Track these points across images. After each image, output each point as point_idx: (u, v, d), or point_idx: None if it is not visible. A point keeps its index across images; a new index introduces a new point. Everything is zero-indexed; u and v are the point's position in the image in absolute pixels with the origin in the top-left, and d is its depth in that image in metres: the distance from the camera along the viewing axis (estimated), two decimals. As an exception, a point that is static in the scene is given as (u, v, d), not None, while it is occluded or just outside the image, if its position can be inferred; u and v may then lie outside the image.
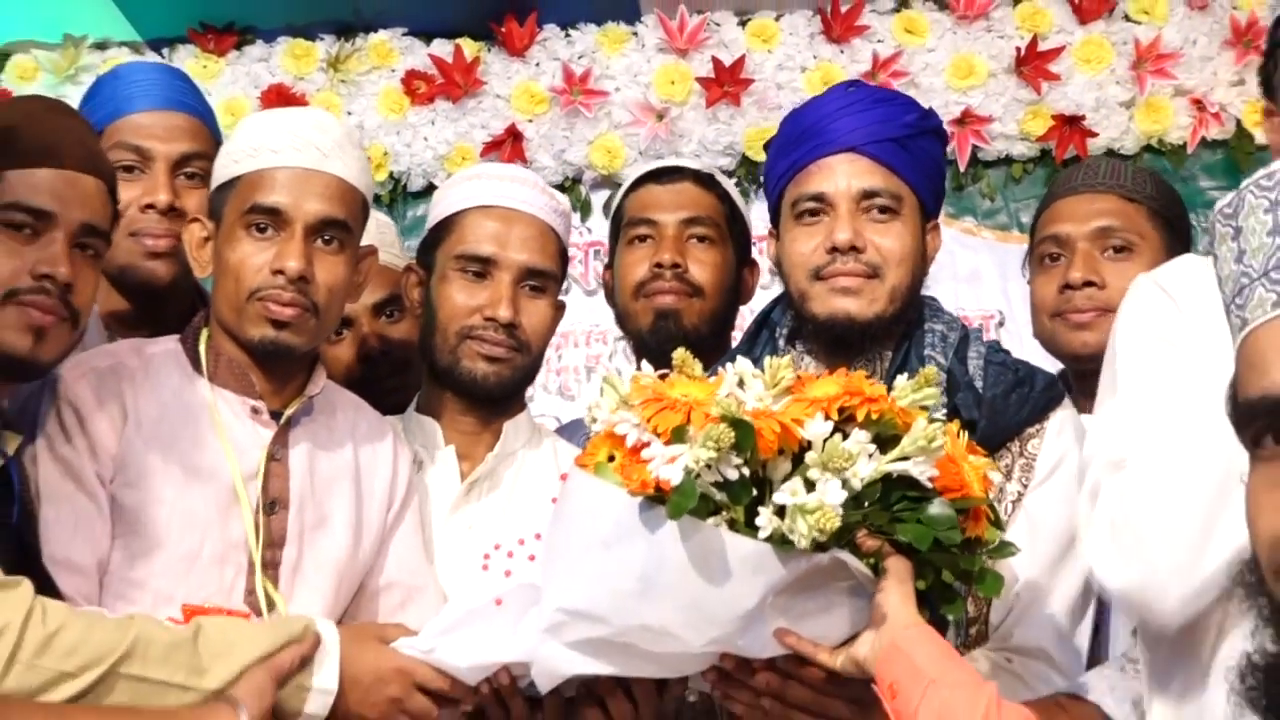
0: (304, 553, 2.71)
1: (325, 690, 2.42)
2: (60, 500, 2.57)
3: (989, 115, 5.25)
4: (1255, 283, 1.43)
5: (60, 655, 2.18)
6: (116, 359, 2.74)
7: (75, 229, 2.48)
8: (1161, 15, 5.20)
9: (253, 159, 2.70)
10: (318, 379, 2.81)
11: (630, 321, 3.35)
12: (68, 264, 2.45)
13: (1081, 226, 3.12)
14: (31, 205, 2.44)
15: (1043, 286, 3.16)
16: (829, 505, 2.14)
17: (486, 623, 2.47)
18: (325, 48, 5.44)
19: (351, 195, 2.73)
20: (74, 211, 2.47)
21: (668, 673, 2.44)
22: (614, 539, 2.23)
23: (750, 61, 5.31)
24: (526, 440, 3.05)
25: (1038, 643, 2.70)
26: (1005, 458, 2.76)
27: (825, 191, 2.76)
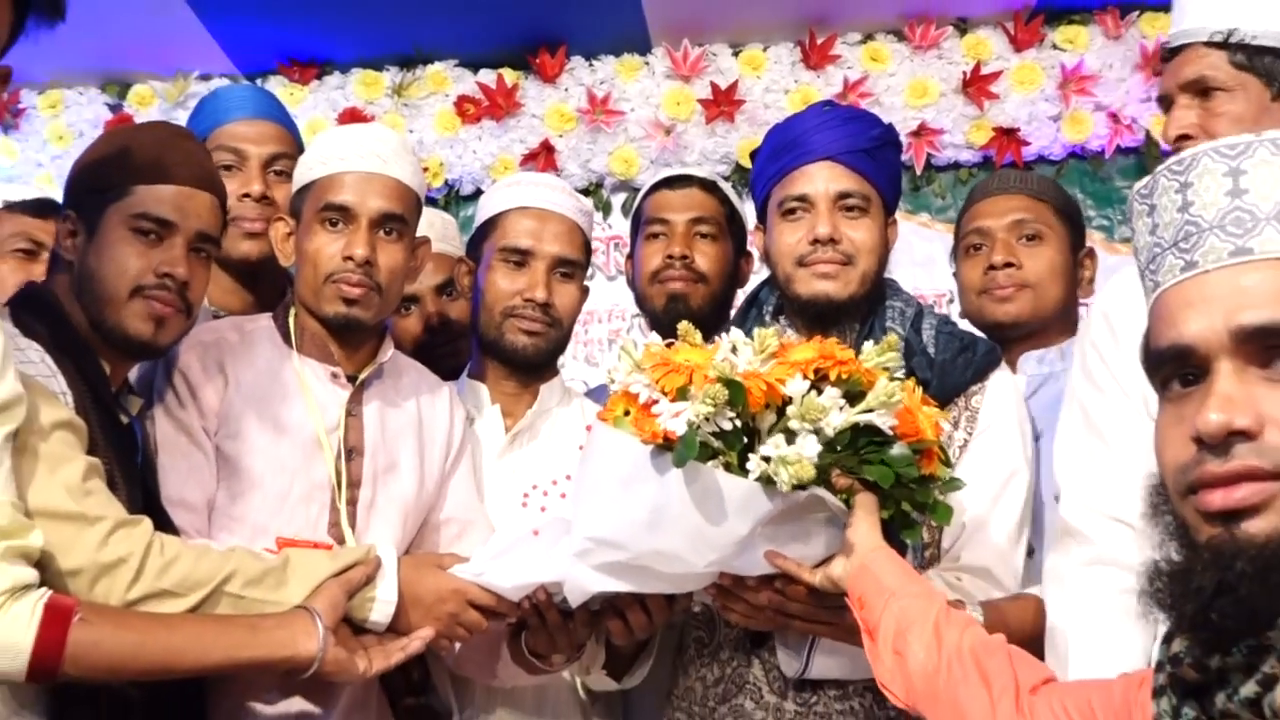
0: (377, 493, 2.71)
1: (387, 601, 2.43)
2: (174, 451, 2.59)
3: (940, 128, 5.23)
4: (1166, 252, 1.43)
5: (173, 579, 2.22)
6: (219, 334, 2.76)
7: (192, 236, 2.49)
8: (1083, 44, 5.18)
9: (325, 166, 2.71)
10: (386, 348, 2.81)
11: (647, 303, 3.35)
12: (185, 265, 2.47)
13: (1000, 220, 3.13)
14: (157, 216, 2.45)
15: (970, 270, 3.18)
16: (806, 456, 2.16)
17: (526, 550, 2.47)
18: (390, 77, 5.42)
19: (407, 194, 2.73)
20: (192, 222, 2.49)
21: (676, 589, 2.44)
22: (630, 480, 2.24)
23: (742, 85, 5.29)
24: (559, 400, 3.05)
25: (982, 562, 2.70)
26: (954, 410, 2.76)
27: (807, 193, 2.77)
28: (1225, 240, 1.37)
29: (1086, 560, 2.37)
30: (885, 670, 2.08)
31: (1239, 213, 1.37)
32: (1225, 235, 1.37)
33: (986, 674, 1.91)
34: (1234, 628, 1.30)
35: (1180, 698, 1.42)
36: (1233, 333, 1.33)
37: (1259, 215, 1.36)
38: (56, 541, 2.12)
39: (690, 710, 2.76)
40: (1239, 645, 1.32)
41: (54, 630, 2.02)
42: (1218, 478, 1.31)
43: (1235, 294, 1.34)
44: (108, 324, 2.44)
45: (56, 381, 2.31)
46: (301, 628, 2.27)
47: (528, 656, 2.63)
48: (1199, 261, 1.38)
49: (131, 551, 2.19)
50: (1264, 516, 1.29)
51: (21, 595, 2.01)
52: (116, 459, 2.36)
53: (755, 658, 2.68)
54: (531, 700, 2.89)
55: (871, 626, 2.13)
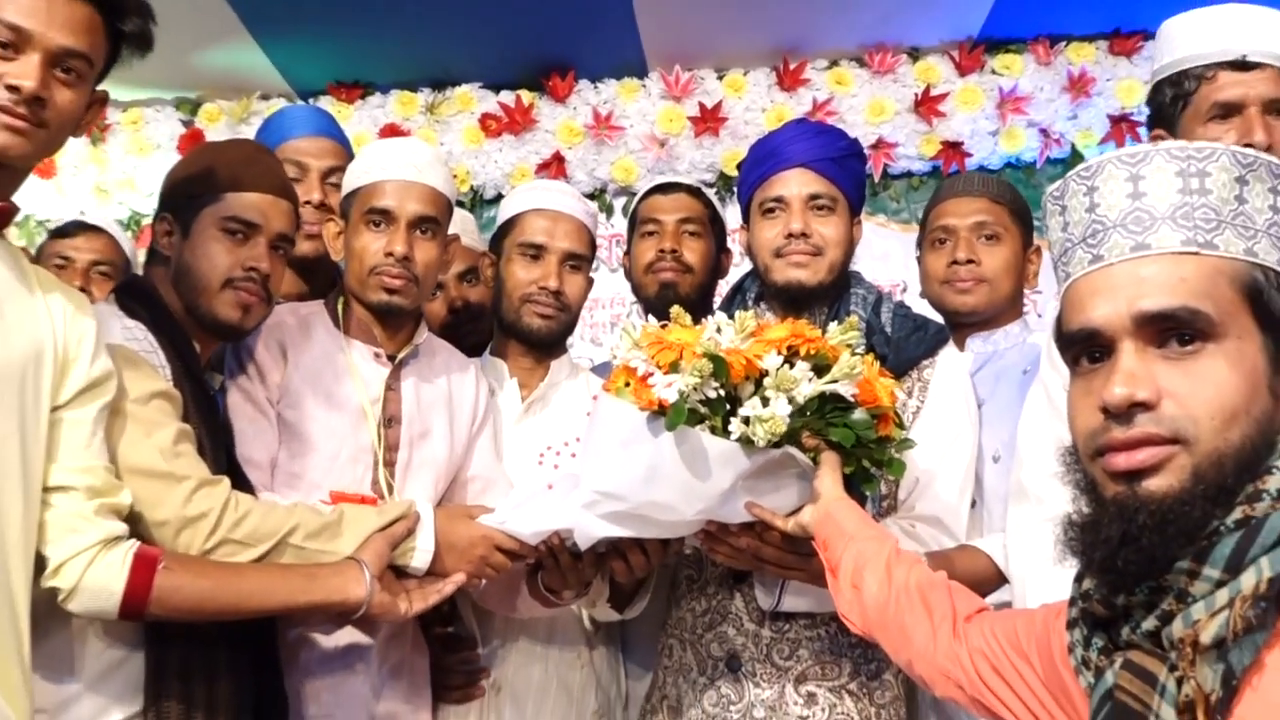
0: (412, 455, 2.72)
1: (426, 550, 2.45)
2: (243, 418, 2.61)
3: (895, 142, 5.23)
4: (1075, 246, 1.45)
5: (244, 532, 2.26)
6: (279, 319, 2.75)
7: (273, 236, 2.50)
8: (1018, 70, 5.17)
9: (369, 174, 2.72)
10: (421, 332, 2.82)
11: (642, 291, 3.36)
12: (268, 261, 2.48)
13: (964, 220, 3.10)
14: (245, 219, 2.47)
15: (933, 261, 3.15)
16: (779, 417, 2.18)
17: (542, 502, 2.49)
18: (424, 98, 5.40)
19: (440, 199, 2.74)
20: (273, 224, 2.50)
21: (669, 534, 2.46)
22: (630, 441, 2.26)
23: (725, 105, 5.28)
24: (567, 374, 3.06)
25: (933, 512, 2.73)
26: (907, 382, 2.80)
27: (783, 195, 2.79)
28: (1127, 237, 1.39)
29: (1042, 518, 2.35)
30: (845, 602, 2.11)
31: (1139, 213, 1.39)
32: (1127, 232, 1.39)
33: (929, 605, 1.94)
34: (1137, 572, 1.32)
35: (1090, 629, 1.45)
36: (1134, 317, 1.34)
37: (1155, 215, 1.38)
38: (148, 496, 2.18)
39: (682, 637, 2.77)
40: (1141, 586, 1.33)
41: (142, 576, 2.07)
42: (1122, 442, 1.33)
43: (1135, 284, 1.36)
44: (201, 310, 2.46)
45: (157, 357, 2.34)
46: (352, 576, 2.31)
47: (543, 592, 2.64)
48: (1104, 255, 1.40)
49: (211, 507, 2.22)
50: (1161, 476, 1.31)
51: (114, 545, 2.07)
52: (205, 425, 2.39)
53: (737, 592, 2.70)
54: (544, 630, 2.91)
55: (834, 565, 2.16)
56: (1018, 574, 2.54)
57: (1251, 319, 1.34)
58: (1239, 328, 1.34)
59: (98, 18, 2.02)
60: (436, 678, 2.82)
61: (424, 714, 2.77)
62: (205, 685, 2.25)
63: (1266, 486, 1.28)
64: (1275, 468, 1.30)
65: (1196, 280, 1.34)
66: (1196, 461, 1.30)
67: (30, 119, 1.95)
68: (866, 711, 2.62)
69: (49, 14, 1.95)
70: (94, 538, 2.04)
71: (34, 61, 1.94)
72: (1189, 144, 1.41)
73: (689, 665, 2.74)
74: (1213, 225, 1.37)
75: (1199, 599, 1.28)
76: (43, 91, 1.95)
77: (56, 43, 1.96)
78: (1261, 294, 1.35)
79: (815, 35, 5.14)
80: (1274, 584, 1.24)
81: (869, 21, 5.05)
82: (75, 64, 2.00)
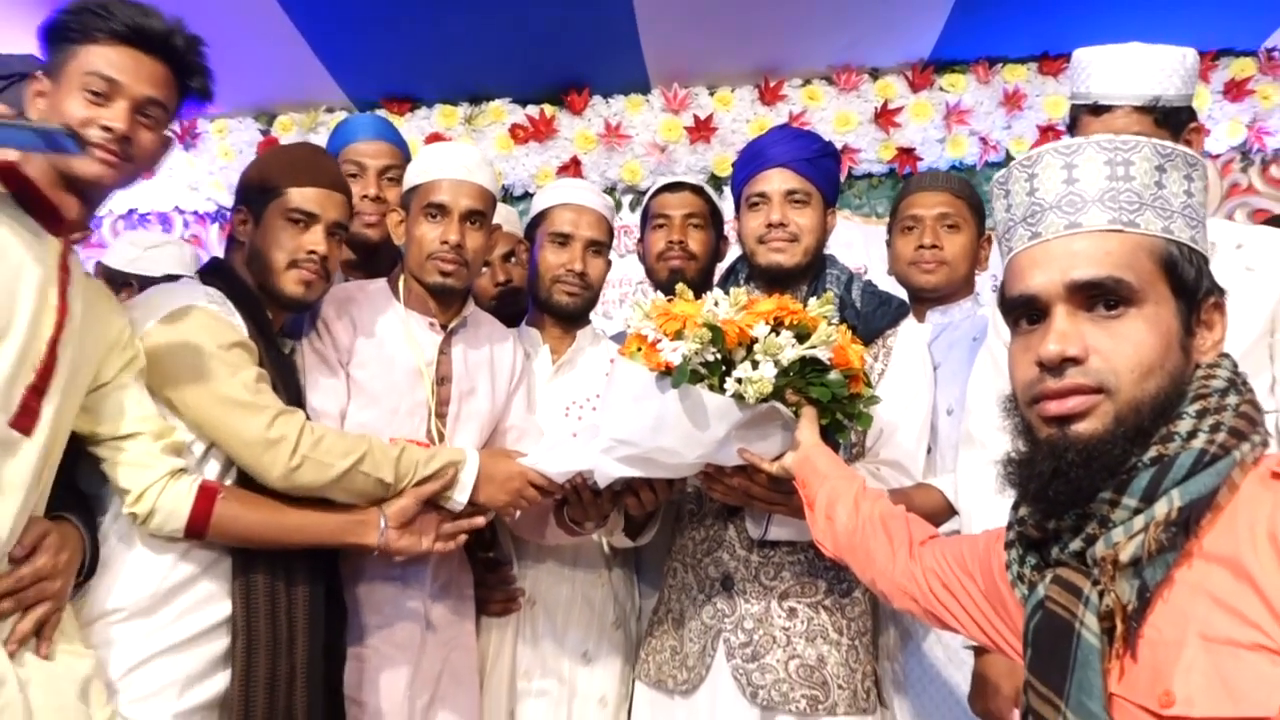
0: (461, 408, 2.73)
1: (463, 494, 2.47)
2: (316, 374, 2.62)
3: (858, 148, 5.21)
4: (1017, 225, 1.46)
5: (322, 452, 2.30)
6: (348, 292, 2.77)
7: (330, 224, 2.51)
8: (962, 87, 5.14)
9: (427, 173, 2.71)
10: (469, 305, 2.81)
11: (654, 275, 3.33)
12: (325, 245, 2.50)
13: (930, 211, 3.10)
14: (304, 210, 2.48)
15: (903, 245, 3.14)
16: (766, 377, 2.19)
17: (568, 447, 2.49)
18: (463, 111, 5.39)
19: (486, 195, 2.73)
20: (329, 213, 2.51)
21: (674, 475, 2.47)
22: (640, 397, 2.27)
23: (716, 117, 5.26)
24: (590, 341, 3.05)
25: (895, 457, 2.73)
26: (874, 348, 2.78)
27: (765, 190, 2.78)
28: (1061, 216, 1.40)
29: (986, 460, 2.36)
30: (819, 531, 2.12)
31: (1072, 196, 1.40)
32: (1061, 213, 1.40)
33: (890, 532, 1.95)
34: (1065, 501, 1.34)
35: (1025, 549, 1.46)
36: (1066, 285, 1.36)
37: (1086, 198, 1.39)
38: (236, 423, 2.25)
39: (684, 560, 2.78)
40: (1069, 513, 1.35)
41: (204, 504, 2.17)
42: (1054, 391, 1.34)
43: (1068, 256, 1.37)
44: (270, 286, 2.48)
45: (235, 319, 2.37)
46: (371, 524, 2.37)
47: (568, 523, 2.66)
48: (1042, 232, 1.41)
49: (290, 432, 2.27)
50: (1087, 421, 1.32)
51: (180, 476, 2.18)
52: (280, 380, 2.41)
53: (730, 524, 2.70)
54: (570, 554, 2.92)
55: (810, 500, 2.17)
56: (965, 506, 2.57)
57: (1167, 287, 1.36)
58: (1156, 295, 1.35)
59: (172, 75, 2.08)
60: (480, 594, 2.83)
61: (469, 624, 2.78)
62: (286, 593, 2.29)
63: (1177, 429, 1.30)
64: (1185, 413, 1.31)
65: (1121, 254, 1.35)
66: (1118, 408, 1.31)
67: (119, 154, 2.00)
68: (839, 623, 2.63)
69: (136, 70, 2.01)
70: (163, 470, 2.16)
71: (123, 107, 2.00)
72: (1116, 137, 1.41)
73: (690, 584, 2.75)
74: (1135, 207, 1.38)
75: (1119, 524, 1.30)
76: (130, 132, 2.00)
77: (141, 93, 2.02)
78: (1176, 266, 1.36)
79: (791, 58, 5.12)
80: (1183, 511, 1.26)
81: (836, 46, 5.03)
82: (154, 111, 2.05)
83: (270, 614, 2.25)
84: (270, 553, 2.28)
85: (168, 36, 2.05)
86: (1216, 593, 1.22)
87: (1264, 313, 2.31)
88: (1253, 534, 1.22)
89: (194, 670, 2.20)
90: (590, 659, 2.89)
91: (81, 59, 1.99)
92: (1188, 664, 1.20)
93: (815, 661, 2.58)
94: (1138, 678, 1.26)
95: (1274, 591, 1.17)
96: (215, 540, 2.23)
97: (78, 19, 2.00)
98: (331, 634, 2.38)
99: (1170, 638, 1.24)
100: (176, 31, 2.07)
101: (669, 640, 2.76)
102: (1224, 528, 1.25)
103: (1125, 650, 1.28)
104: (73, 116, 1.96)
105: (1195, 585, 1.24)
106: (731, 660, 2.61)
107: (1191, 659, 1.20)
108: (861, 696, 2.60)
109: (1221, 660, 1.18)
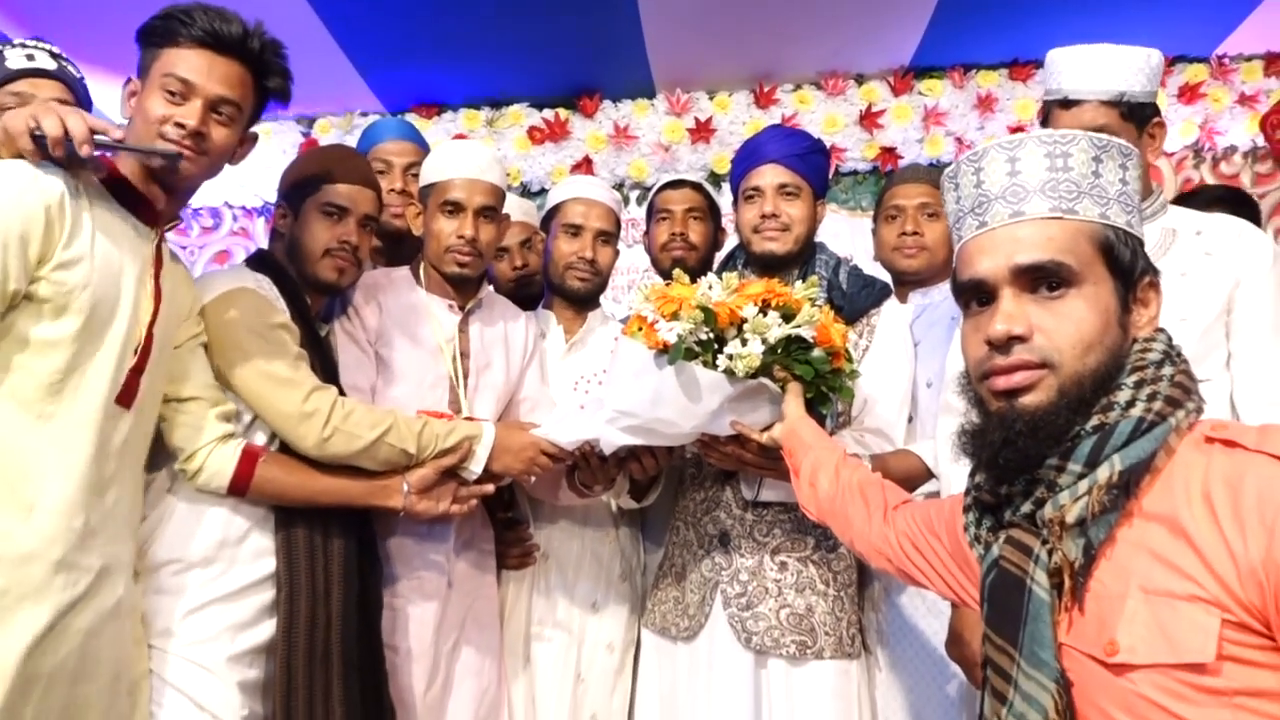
0: (479, 382, 2.73)
1: (481, 457, 2.46)
2: (349, 353, 2.62)
3: (845, 148, 5.17)
4: (966, 215, 1.45)
5: (352, 425, 2.31)
6: (375, 279, 2.77)
7: (361, 217, 2.52)
8: (939, 92, 5.10)
9: (442, 172, 2.71)
10: (485, 288, 2.82)
11: (659, 265, 3.32)
12: (357, 236, 2.51)
13: (911, 201, 3.08)
14: (338, 204, 2.49)
15: (887, 232, 3.11)
16: (754, 354, 2.19)
17: (577, 418, 2.49)
18: (485, 114, 5.36)
19: (497, 191, 2.72)
20: (360, 207, 2.52)
21: (673, 443, 2.47)
22: (641, 372, 2.26)
23: (715, 120, 5.24)
24: (600, 323, 3.05)
25: (877, 425, 2.73)
26: (860, 326, 2.79)
27: (759, 184, 2.77)
28: (1006, 206, 1.39)
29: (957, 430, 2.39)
30: (804, 496, 2.12)
31: (1015, 187, 1.39)
32: (1006, 203, 1.39)
33: (867, 498, 1.94)
34: (1015, 468, 1.33)
35: (981, 512, 1.46)
36: (1011, 269, 1.35)
37: (1029, 188, 1.38)
38: (276, 396, 2.27)
39: (685, 519, 2.78)
40: (1019, 479, 1.35)
41: (247, 465, 2.21)
42: (1002, 368, 1.33)
43: (1013, 243, 1.36)
44: (308, 273, 2.50)
45: (280, 304, 2.39)
46: (395, 489, 2.37)
47: (579, 486, 2.65)
48: (988, 221, 1.40)
49: (323, 405, 2.29)
50: (1033, 394, 1.31)
51: (228, 440, 2.22)
52: (316, 358, 2.42)
53: (727, 486, 2.70)
54: (581, 514, 2.91)
55: (796, 468, 2.17)
56: (945, 470, 2.56)
57: (1105, 269, 1.34)
58: (1095, 276, 1.34)
59: (248, 75, 2.09)
60: (499, 550, 2.83)
61: (490, 577, 2.78)
62: (324, 548, 2.31)
63: (1117, 399, 1.29)
64: (1123, 384, 1.30)
65: (1061, 239, 1.34)
66: (1061, 381, 1.30)
67: (194, 148, 2.02)
68: (825, 576, 2.62)
69: (209, 71, 2.02)
70: (214, 434, 2.20)
71: (197, 106, 2.02)
72: (1055, 131, 1.40)
73: (691, 541, 2.74)
74: (1074, 195, 1.36)
75: (1064, 488, 1.29)
76: (202, 128, 2.02)
77: (214, 92, 2.03)
78: (1113, 249, 1.35)
79: (783, 65, 5.09)
80: (1123, 475, 1.25)
81: (824, 54, 5.00)
82: (227, 109, 2.06)
83: (309, 567, 2.27)
84: (309, 512, 2.30)
85: (244, 40, 2.06)
86: (1155, 549, 1.22)
87: (1221, 294, 2.32)
88: (1188, 494, 1.21)
89: (244, 618, 2.22)
90: (599, 608, 2.88)
91: (163, 61, 2.02)
92: (1130, 615, 1.20)
93: (804, 610, 2.58)
94: (1085, 628, 1.26)
95: (1208, 547, 1.17)
96: (256, 499, 2.25)
97: (163, 24, 2.03)
98: (366, 585, 2.39)
99: (1114, 591, 1.24)
100: (254, 35, 2.08)
101: (672, 591, 2.75)
102: (1162, 489, 1.25)
103: (1073, 603, 1.28)
104: (153, 114, 2.00)
105: (1136, 543, 1.24)
106: (728, 609, 2.60)
107: (1134, 610, 1.20)
108: (846, 642, 2.60)
109: (1161, 611, 1.18)
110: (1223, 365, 2.32)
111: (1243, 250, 2.35)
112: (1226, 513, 1.17)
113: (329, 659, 2.25)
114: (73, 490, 1.87)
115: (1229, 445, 1.22)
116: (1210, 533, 1.17)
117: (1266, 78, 4.92)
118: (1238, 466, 1.19)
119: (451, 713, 2.62)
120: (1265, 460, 1.17)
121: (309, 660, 2.23)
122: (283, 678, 2.21)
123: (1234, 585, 1.14)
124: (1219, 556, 1.16)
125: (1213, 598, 1.15)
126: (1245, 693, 1.14)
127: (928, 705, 2.74)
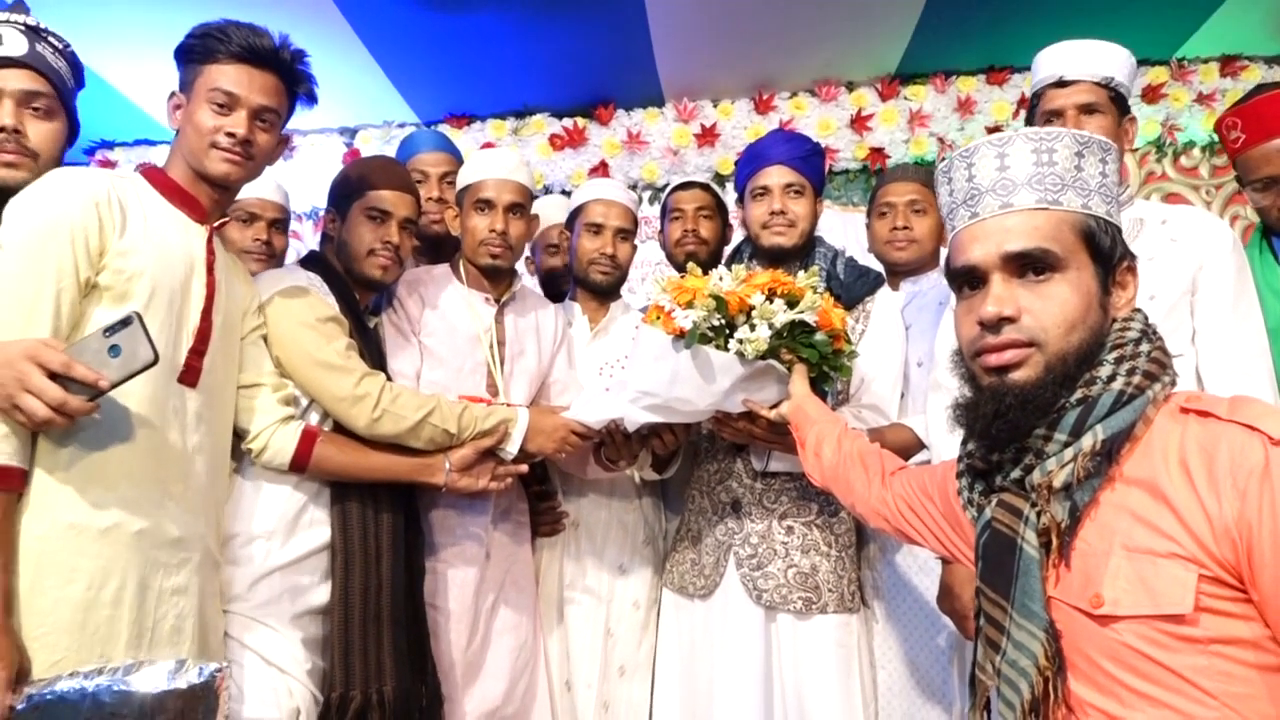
0: (514, 368, 2.72)
1: (519, 436, 2.46)
2: (395, 343, 2.63)
3: (837, 149, 5.13)
4: (958, 207, 1.44)
5: (399, 407, 2.32)
6: (417, 275, 2.77)
7: (401, 220, 2.52)
8: (923, 96, 5.06)
9: (475, 175, 2.72)
10: (517, 282, 2.81)
11: (673, 260, 3.31)
12: (398, 237, 2.51)
13: (901, 198, 3.08)
14: (380, 208, 2.49)
15: (879, 227, 3.12)
16: (762, 338, 2.18)
17: (602, 399, 2.49)
18: (510, 124, 5.34)
19: (524, 190, 2.72)
20: (400, 211, 2.52)
21: (690, 420, 2.45)
22: (660, 356, 2.26)
23: (719, 125, 5.21)
24: (621, 312, 3.04)
25: (874, 401, 2.71)
26: (856, 312, 2.76)
27: (767, 184, 2.76)
28: (996, 198, 1.38)
29: (949, 404, 2.38)
30: (809, 466, 2.12)
31: (1004, 180, 1.38)
32: (995, 195, 1.38)
33: (866, 465, 1.94)
34: (1005, 437, 1.33)
35: (973, 478, 1.46)
36: (1001, 256, 1.34)
37: (1017, 182, 1.37)
38: (330, 381, 2.29)
39: (701, 489, 2.78)
40: (1009, 447, 1.34)
41: (306, 444, 2.23)
42: (993, 346, 1.33)
43: (1002, 232, 1.35)
44: (355, 271, 2.50)
45: (331, 299, 2.40)
46: (438, 467, 2.37)
47: (605, 461, 2.65)
48: (980, 212, 1.39)
49: (373, 390, 2.30)
50: (1022, 370, 1.31)
51: (289, 422, 2.24)
52: (365, 348, 2.43)
53: (738, 458, 2.70)
54: (607, 486, 2.91)
55: (802, 440, 2.17)
56: (935, 441, 2.56)
57: (1087, 255, 1.33)
58: (1078, 261, 1.33)
59: (281, 84, 2.11)
60: (533, 519, 2.83)
61: (525, 544, 2.78)
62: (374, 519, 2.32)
63: (1099, 374, 1.29)
64: (1104, 360, 1.30)
65: (1047, 228, 1.33)
66: (1047, 358, 1.30)
67: (243, 155, 2.05)
68: (828, 538, 2.62)
69: (250, 84, 2.04)
70: (276, 416, 2.22)
71: (243, 116, 2.04)
72: (1040, 129, 1.39)
73: (706, 508, 2.74)
74: (1059, 187, 1.36)
75: (1051, 456, 1.29)
76: (249, 136, 2.05)
77: (257, 102, 2.06)
78: (1094, 236, 1.34)
79: (781, 75, 5.05)
80: (1105, 443, 1.25)
81: (818, 64, 4.96)
82: (269, 116, 2.09)
83: (362, 537, 2.28)
84: (361, 488, 2.31)
85: (277, 53, 2.08)
86: (1136, 510, 1.22)
87: (1186, 276, 2.33)
88: (1166, 460, 1.22)
89: (304, 583, 2.24)
90: (625, 571, 2.88)
91: (207, 77, 2.04)
92: (1114, 571, 1.21)
93: (809, 570, 2.58)
94: (1071, 583, 1.26)
95: (1185, 508, 1.17)
96: (314, 475, 2.27)
97: (201, 42, 2.04)
98: (411, 552, 2.40)
99: (1098, 549, 1.24)
100: (283, 47, 2.09)
101: (689, 554, 2.76)
102: (1141, 455, 1.25)
103: (1060, 560, 1.28)
104: (204, 126, 2.03)
105: (1118, 505, 1.24)
106: (740, 569, 2.61)
107: (1117, 566, 1.21)
108: (848, 598, 2.60)
109: (1142, 567, 1.19)
110: (1188, 340, 2.33)
111: (1205, 236, 2.36)
112: (1202, 477, 1.17)
113: (380, 619, 2.26)
114: (148, 464, 1.90)
115: (1203, 415, 1.22)
116: (1187, 495, 1.17)
117: (1223, 78, 4.89)
118: (1212, 435, 1.19)
119: (491, 664, 2.62)
120: (1237, 429, 1.17)
121: (363, 620, 2.24)
122: (340, 635, 2.22)
123: (1210, 543, 1.15)
124: (1196, 517, 1.16)
125: (1190, 555, 1.15)
126: (1220, 640, 1.14)
127: (920, 654, 2.76)
